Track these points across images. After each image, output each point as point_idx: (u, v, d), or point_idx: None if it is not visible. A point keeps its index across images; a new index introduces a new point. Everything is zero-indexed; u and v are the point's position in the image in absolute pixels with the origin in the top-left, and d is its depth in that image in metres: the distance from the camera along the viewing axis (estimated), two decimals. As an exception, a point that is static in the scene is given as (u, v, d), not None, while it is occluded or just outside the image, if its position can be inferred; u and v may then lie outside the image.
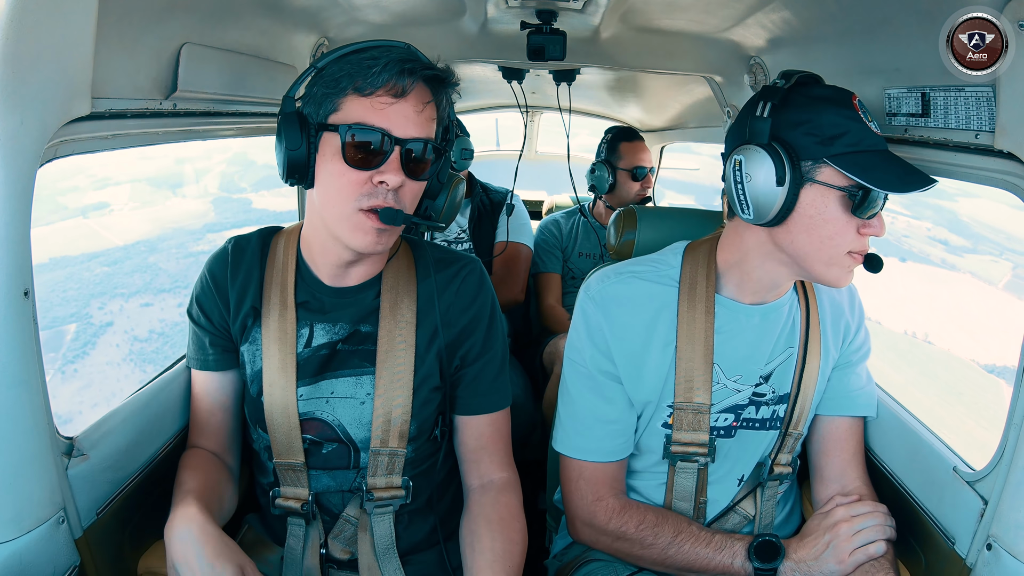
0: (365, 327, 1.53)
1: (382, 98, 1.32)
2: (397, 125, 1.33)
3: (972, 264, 46.78)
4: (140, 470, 1.52)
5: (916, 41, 1.40)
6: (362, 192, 1.34)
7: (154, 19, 1.38)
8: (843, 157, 1.32)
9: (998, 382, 31.94)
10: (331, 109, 1.34)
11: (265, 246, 1.58)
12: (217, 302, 1.55)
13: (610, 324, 1.55)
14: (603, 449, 1.59)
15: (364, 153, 1.33)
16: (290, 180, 1.40)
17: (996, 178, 1.29)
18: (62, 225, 49.03)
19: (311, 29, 2.09)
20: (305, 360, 1.51)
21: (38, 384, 1.14)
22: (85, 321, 34.65)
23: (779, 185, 1.34)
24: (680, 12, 2.07)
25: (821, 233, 1.37)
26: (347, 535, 1.55)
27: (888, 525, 1.49)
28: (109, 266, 42.60)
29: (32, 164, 1.07)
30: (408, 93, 1.33)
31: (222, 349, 1.56)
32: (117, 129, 1.35)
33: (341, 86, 1.33)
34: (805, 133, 1.34)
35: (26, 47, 0.99)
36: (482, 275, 1.61)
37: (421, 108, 1.35)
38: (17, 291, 1.07)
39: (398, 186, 1.34)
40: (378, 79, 1.30)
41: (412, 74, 1.32)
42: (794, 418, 1.59)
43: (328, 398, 1.51)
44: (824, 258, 1.39)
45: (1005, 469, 1.26)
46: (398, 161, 1.33)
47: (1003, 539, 1.25)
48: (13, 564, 1.14)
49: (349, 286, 1.53)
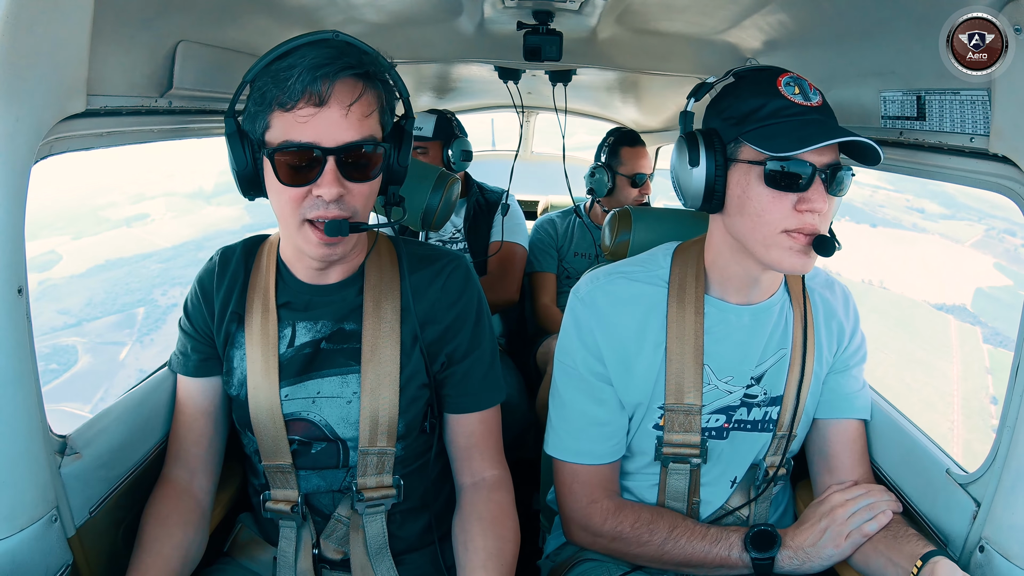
0: (349, 325, 1.52)
1: (303, 110, 1.27)
2: (324, 135, 1.28)
3: (945, 228, 49.84)
4: (133, 469, 1.51)
5: (912, 44, 1.40)
6: (304, 205, 1.33)
7: (149, 17, 1.37)
8: (754, 131, 1.35)
9: (947, 317, 35.68)
10: (264, 126, 1.32)
11: (250, 255, 1.58)
12: (203, 310, 1.55)
13: (600, 325, 1.55)
14: (596, 452, 1.59)
15: (296, 171, 1.30)
16: (248, 196, 1.40)
17: (991, 182, 1.30)
18: (109, 234, 60.53)
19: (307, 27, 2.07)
20: (288, 360, 1.51)
21: (31, 382, 1.13)
22: (152, 305, 44.74)
23: (692, 166, 1.41)
24: (677, 13, 2.07)
25: (750, 211, 1.38)
26: (339, 535, 1.55)
27: (885, 500, 1.49)
28: (163, 263, 53.59)
29: (27, 161, 1.06)
30: (329, 98, 1.27)
31: (203, 356, 1.56)
32: (112, 126, 1.35)
33: (267, 101, 1.29)
34: (725, 117, 1.41)
35: (22, 44, 0.99)
36: (468, 272, 1.61)
37: (347, 109, 1.29)
38: (11, 288, 1.07)
39: (336, 197, 1.31)
40: (294, 91, 1.25)
41: (328, 78, 1.26)
42: (787, 420, 1.58)
43: (315, 398, 1.51)
44: (759, 238, 1.39)
45: (998, 472, 1.26)
46: (333, 171, 1.30)
47: (996, 541, 1.25)
48: (6, 562, 1.13)
49: (330, 283, 1.53)
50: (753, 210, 1.38)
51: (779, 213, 1.35)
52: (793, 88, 1.36)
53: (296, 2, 1.87)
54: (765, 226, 1.37)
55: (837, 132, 1.31)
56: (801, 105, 1.35)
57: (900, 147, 1.53)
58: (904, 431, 1.59)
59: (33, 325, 1.13)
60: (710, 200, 1.43)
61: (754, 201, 1.37)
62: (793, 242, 1.36)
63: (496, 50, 2.61)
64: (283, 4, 1.84)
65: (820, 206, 1.33)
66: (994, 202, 36.18)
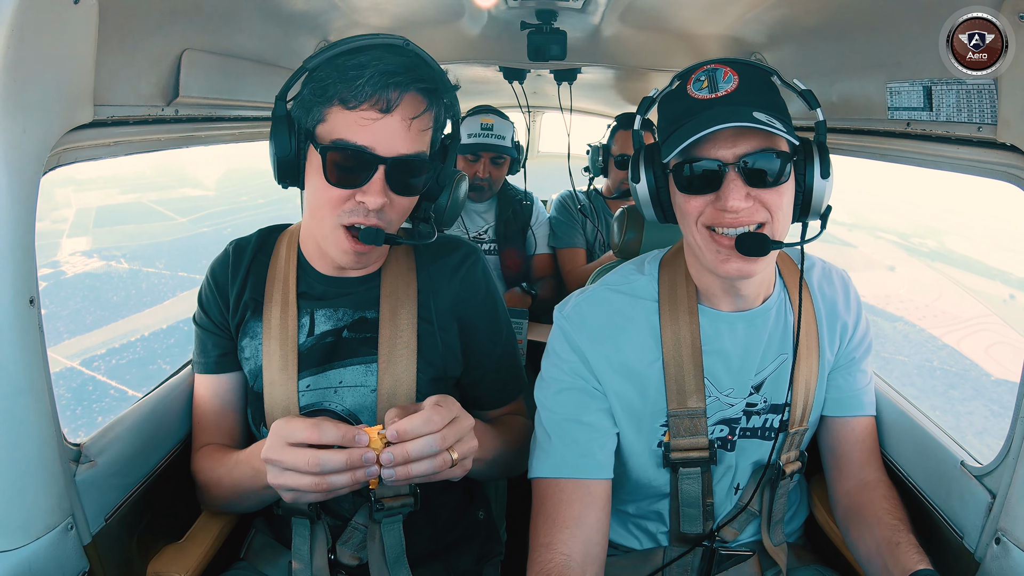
0: (371, 313, 1.52)
1: (367, 113, 1.26)
2: (382, 142, 1.28)
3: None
4: (148, 475, 1.52)
5: (917, 35, 1.39)
6: (343, 208, 1.33)
7: (155, 26, 1.38)
8: (667, 138, 1.33)
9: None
10: (318, 118, 1.31)
11: (267, 244, 1.59)
12: (218, 301, 1.56)
13: (590, 340, 1.48)
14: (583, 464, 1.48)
15: (345, 173, 1.30)
16: (282, 183, 1.38)
17: (998, 171, 1.29)
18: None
19: (312, 33, 2.09)
20: (308, 349, 1.51)
21: (45, 391, 1.14)
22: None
23: (634, 182, 1.44)
24: (680, 10, 2.07)
25: (678, 212, 1.39)
26: (356, 542, 1.55)
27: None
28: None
29: (36, 172, 1.07)
30: (395, 107, 1.27)
31: (222, 351, 1.56)
32: (119, 136, 1.36)
33: (328, 95, 1.28)
34: (659, 128, 1.43)
35: (28, 56, 1.00)
36: (485, 264, 1.62)
37: (410, 122, 1.29)
38: (23, 299, 1.07)
39: (379, 207, 1.31)
40: (362, 92, 1.25)
41: (400, 87, 1.26)
42: (795, 419, 1.54)
43: (336, 388, 1.51)
44: (691, 242, 1.38)
45: (1012, 463, 1.25)
46: (382, 180, 1.30)
47: (1012, 533, 1.24)
48: (23, 571, 1.15)
49: (349, 277, 1.54)
50: (679, 214, 1.38)
51: (694, 212, 1.33)
52: (701, 83, 1.32)
53: (300, 8, 1.88)
54: (689, 227, 1.36)
55: (730, 119, 1.23)
56: (704, 99, 1.30)
57: (907, 138, 1.52)
58: (917, 424, 1.58)
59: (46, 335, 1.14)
60: (660, 211, 1.44)
61: (679, 206, 1.36)
62: (718, 246, 1.31)
63: (500, 51, 2.61)
64: (287, 11, 1.85)
65: (737, 203, 1.26)
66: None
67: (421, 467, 1.16)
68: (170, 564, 1.50)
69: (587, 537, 1.38)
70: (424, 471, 1.17)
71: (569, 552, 1.35)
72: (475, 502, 1.77)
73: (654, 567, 1.61)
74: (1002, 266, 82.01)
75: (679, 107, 1.34)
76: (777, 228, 1.31)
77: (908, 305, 64.79)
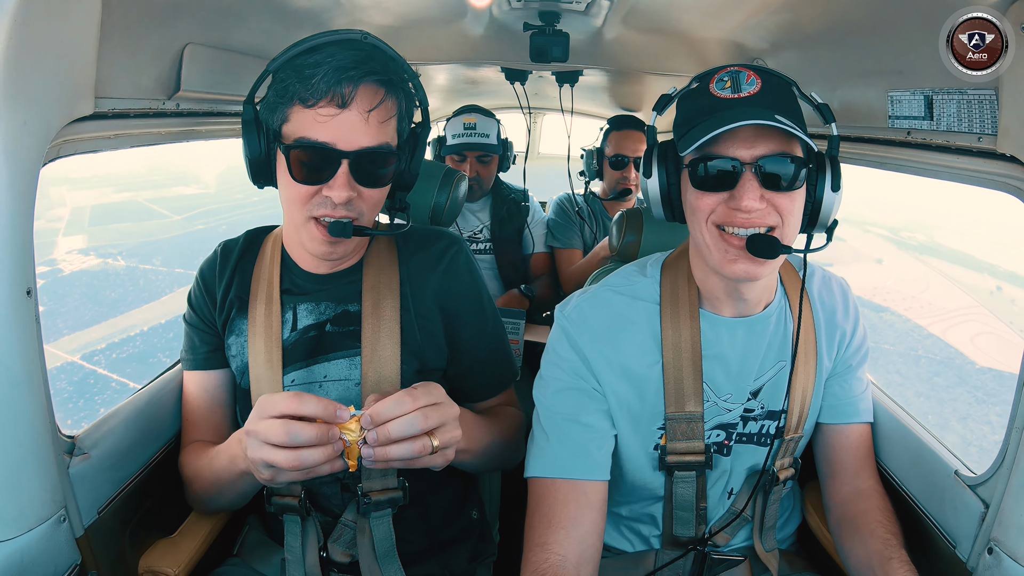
0: (354, 307, 1.53)
1: (324, 109, 1.28)
2: (343, 137, 1.29)
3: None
4: (141, 469, 1.52)
5: (919, 44, 1.39)
6: (312, 202, 1.34)
7: (157, 20, 1.38)
8: (684, 134, 1.33)
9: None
10: (282, 119, 1.32)
11: (254, 244, 1.61)
12: (206, 300, 1.58)
13: (591, 341, 1.48)
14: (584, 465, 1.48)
15: (310, 170, 1.31)
16: (257, 183, 1.40)
17: (998, 181, 1.29)
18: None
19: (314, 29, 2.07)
20: (292, 344, 1.52)
21: (40, 383, 1.14)
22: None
23: (646, 177, 1.43)
24: (683, 13, 2.07)
25: (688, 213, 1.39)
26: (346, 539, 1.55)
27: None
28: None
29: (35, 164, 1.07)
30: (350, 101, 1.28)
31: (211, 347, 1.58)
32: (120, 129, 1.36)
33: (288, 94, 1.29)
34: (675, 126, 1.41)
35: (30, 47, 1.00)
36: (468, 254, 1.62)
37: (367, 115, 1.30)
38: (20, 290, 1.07)
39: (346, 200, 1.32)
40: (318, 89, 1.26)
41: (353, 81, 1.27)
42: (791, 426, 1.54)
43: (321, 382, 1.52)
44: (699, 239, 1.37)
45: (1006, 473, 1.25)
46: (347, 174, 1.31)
47: (1004, 543, 1.24)
48: (14, 562, 1.14)
49: (333, 272, 1.55)
50: (689, 209, 1.37)
51: (706, 209, 1.33)
52: (724, 83, 1.32)
53: (302, 5, 1.88)
54: (698, 225, 1.35)
55: (753, 119, 1.24)
56: (727, 99, 1.31)
57: (907, 147, 1.52)
58: (911, 433, 1.58)
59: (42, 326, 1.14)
60: (670, 209, 1.44)
61: (690, 204, 1.36)
62: (728, 245, 1.32)
63: (503, 51, 2.61)
64: (289, 7, 1.85)
65: (751, 203, 1.27)
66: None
67: (400, 449, 1.16)
68: (162, 558, 1.50)
69: (582, 538, 1.38)
70: (403, 454, 1.16)
71: (564, 553, 1.35)
72: (469, 502, 1.77)
73: (646, 570, 1.61)
74: (991, 259, 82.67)
75: (700, 105, 1.34)
76: (787, 233, 1.32)
77: (895, 296, 65.01)
